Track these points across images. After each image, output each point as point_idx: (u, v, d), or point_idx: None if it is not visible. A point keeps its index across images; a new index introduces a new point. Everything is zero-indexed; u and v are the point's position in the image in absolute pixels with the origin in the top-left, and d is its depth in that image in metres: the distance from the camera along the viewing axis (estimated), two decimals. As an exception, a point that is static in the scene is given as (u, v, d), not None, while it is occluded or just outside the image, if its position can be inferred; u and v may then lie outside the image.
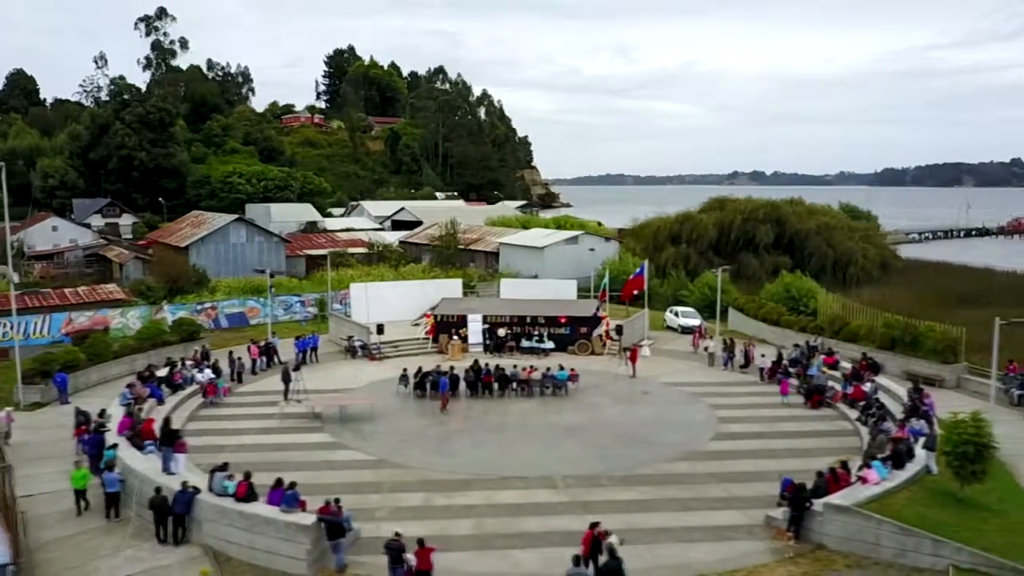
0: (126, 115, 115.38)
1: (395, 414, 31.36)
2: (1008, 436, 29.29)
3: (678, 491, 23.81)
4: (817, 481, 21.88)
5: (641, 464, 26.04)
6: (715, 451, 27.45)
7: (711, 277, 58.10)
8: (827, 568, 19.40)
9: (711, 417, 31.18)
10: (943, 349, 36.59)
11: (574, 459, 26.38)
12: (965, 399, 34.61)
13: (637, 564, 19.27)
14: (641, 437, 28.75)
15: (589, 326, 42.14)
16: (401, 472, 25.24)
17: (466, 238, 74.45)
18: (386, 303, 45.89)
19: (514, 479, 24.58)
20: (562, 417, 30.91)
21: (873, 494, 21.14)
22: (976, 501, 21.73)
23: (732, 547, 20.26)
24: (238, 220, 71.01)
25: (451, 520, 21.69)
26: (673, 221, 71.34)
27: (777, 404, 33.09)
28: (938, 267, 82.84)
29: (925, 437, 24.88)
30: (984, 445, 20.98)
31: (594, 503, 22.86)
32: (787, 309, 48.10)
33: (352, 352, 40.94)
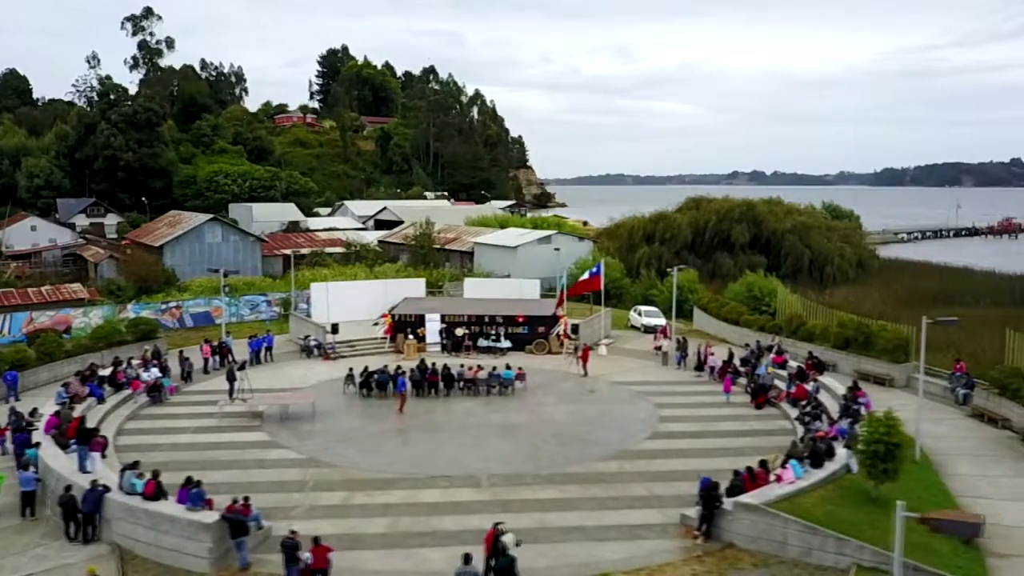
0: (112, 115, 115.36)
1: (336, 413, 31.40)
2: (946, 435, 29.60)
3: (601, 490, 23.84)
4: (733, 480, 21.94)
5: (571, 463, 26.07)
6: (648, 450, 27.48)
7: (681, 276, 58.10)
8: (732, 566, 19.46)
9: (652, 416, 31.21)
10: (893, 348, 36.60)
11: (504, 458, 26.41)
12: (912, 398, 34.69)
13: (542, 563, 19.41)
14: (577, 436, 28.79)
15: (547, 325, 42.16)
16: (328, 471, 25.29)
17: (443, 238, 74.43)
18: (348, 303, 45.85)
19: (439, 478, 24.62)
20: (502, 416, 30.94)
21: (785, 493, 21.18)
22: (890, 500, 21.67)
23: (641, 546, 20.30)
24: (213, 220, 70.95)
25: (366, 519, 21.76)
26: (647, 221, 71.26)
27: (721, 403, 33.13)
28: (917, 267, 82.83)
29: (847, 436, 24.93)
30: (895, 444, 20.97)
31: (514, 502, 22.91)
32: (750, 308, 48.14)
33: (307, 352, 40.99)
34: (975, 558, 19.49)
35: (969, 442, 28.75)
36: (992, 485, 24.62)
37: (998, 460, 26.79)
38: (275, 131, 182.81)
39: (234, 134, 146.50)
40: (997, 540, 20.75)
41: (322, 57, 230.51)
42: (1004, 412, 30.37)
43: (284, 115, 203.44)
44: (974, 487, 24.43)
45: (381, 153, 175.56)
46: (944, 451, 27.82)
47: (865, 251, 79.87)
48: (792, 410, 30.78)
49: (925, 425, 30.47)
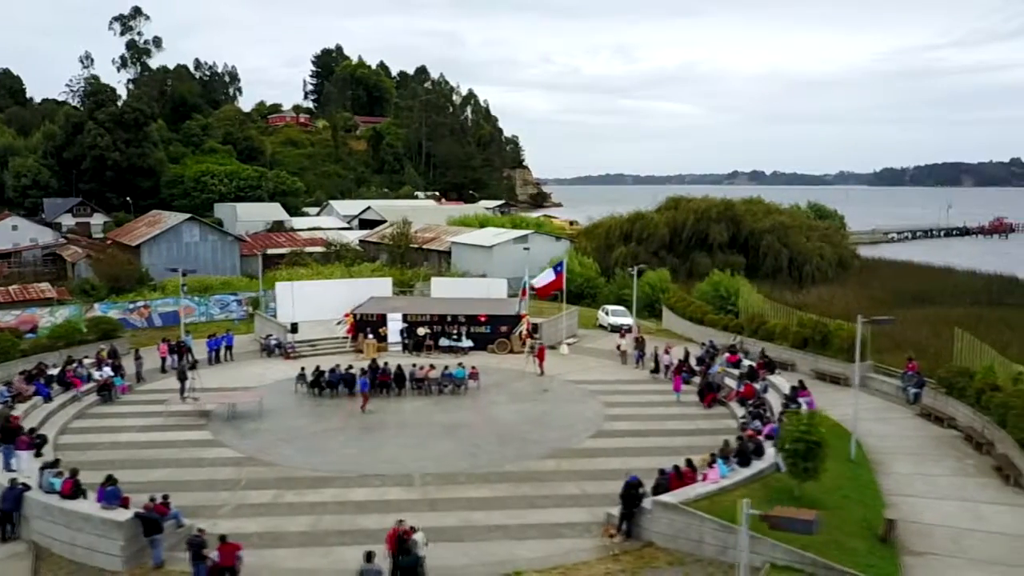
0: (99, 115, 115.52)
1: (284, 412, 31.46)
2: (891, 434, 29.64)
3: (532, 489, 23.87)
4: (658, 479, 21.98)
5: (508, 462, 26.10)
6: (588, 448, 27.51)
7: (653, 276, 58.30)
8: (648, 565, 19.48)
9: (600, 415, 31.24)
10: (848, 348, 36.56)
11: (442, 457, 26.44)
12: (865, 397, 34.71)
13: (461, 561, 19.50)
14: (520, 435, 28.83)
15: (509, 325, 42.18)
16: (264, 469, 25.34)
17: (421, 237, 74.52)
18: (313, 302, 45.88)
19: (373, 477, 24.67)
20: (449, 415, 30.97)
21: (706, 492, 21.21)
22: (813, 498, 21.72)
23: (561, 544, 20.33)
24: (191, 220, 71.12)
25: (290, 517, 21.81)
26: (625, 221, 71.23)
27: (671, 403, 33.14)
28: (899, 267, 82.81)
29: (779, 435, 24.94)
30: (815, 443, 20.98)
31: (442, 501, 22.96)
32: (716, 308, 48.16)
33: (268, 351, 41.05)
34: (890, 556, 19.51)
35: (913, 441, 28.76)
36: (927, 483, 24.64)
37: (938, 459, 26.79)
38: (267, 131, 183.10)
39: (224, 134, 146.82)
40: (915, 538, 20.80)
41: (316, 57, 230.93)
42: (950, 411, 30.38)
43: (278, 115, 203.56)
44: (907, 485, 24.46)
45: (373, 153, 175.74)
46: (886, 450, 27.84)
47: (846, 251, 79.75)
48: (740, 409, 30.79)
49: (872, 424, 30.71)
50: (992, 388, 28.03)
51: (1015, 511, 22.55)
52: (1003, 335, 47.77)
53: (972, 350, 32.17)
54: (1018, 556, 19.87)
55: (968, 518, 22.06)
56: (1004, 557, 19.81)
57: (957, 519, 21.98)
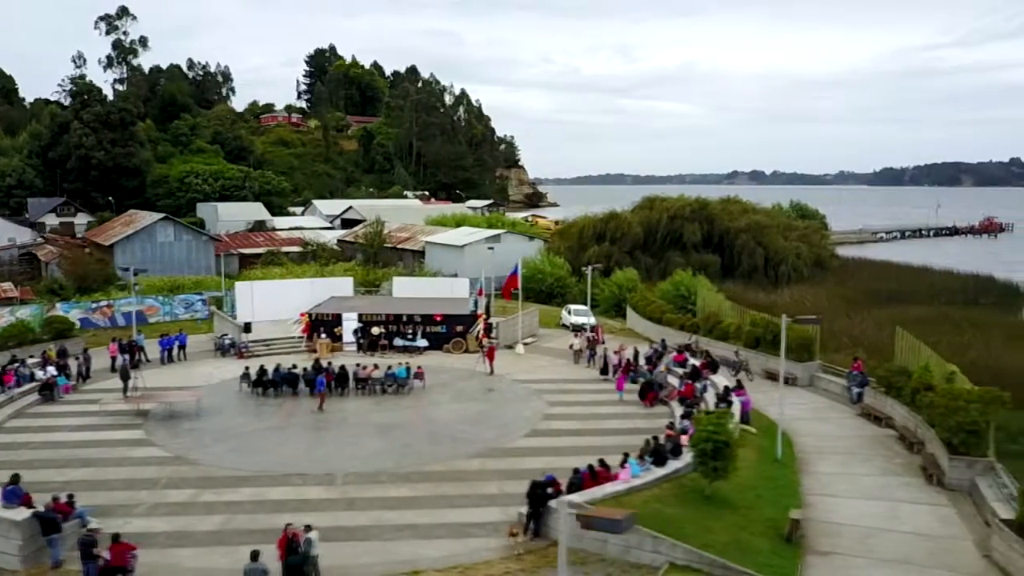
0: (85, 115, 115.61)
1: (224, 411, 31.45)
2: (828, 434, 29.65)
3: (452, 488, 23.83)
4: (572, 478, 21.96)
5: (435, 461, 26.06)
6: (518, 448, 27.47)
7: (621, 275, 58.29)
8: (549, 565, 19.35)
9: (539, 414, 31.21)
10: (797, 347, 36.49)
11: (371, 456, 26.42)
12: (808, 396, 34.77)
13: (363, 560, 19.49)
14: (453, 434, 28.79)
15: (466, 324, 42.15)
16: (188, 468, 25.33)
17: (397, 237, 74.51)
18: (273, 301, 45.86)
19: (296, 476, 24.64)
20: (386, 415, 30.94)
21: (615, 491, 21.19)
22: (724, 498, 21.74)
23: (467, 544, 20.28)
24: (165, 219, 71.17)
25: (203, 516, 21.78)
26: (598, 220, 71.18)
27: (614, 402, 33.09)
28: (878, 266, 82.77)
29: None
30: (723, 442, 20.95)
31: (359, 500, 22.94)
32: (677, 307, 48.13)
33: (222, 350, 41.05)
34: (792, 556, 19.47)
35: (847, 441, 28.71)
36: (849, 483, 24.60)
37: (867, 459, 26.74)
38: (259, 131, 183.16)
39: (213, 134, 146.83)
40: (824, 537, 20.77)
41: (309, 57, 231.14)
42: (888, 411, 30.35)
43: (270, 115, 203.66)
44: (829, 485, 24.42)
45: (364, 153, 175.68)
46: (818, 449, 27.81)
47: (824, 251, 79.67)
48: (680, 408, 30.73)
49: (811, 424, 30.73)
50: (926, 388, 27.95)
51: (932, 511, 22.52)
52: (964, 335, 47.88)
53: (913, 349, 32.08)
54: (924, 555, 19.85)
55: (882, 518, 22.03)
56: (910, 556, 19.78)
57: (871, 519, 21.94)
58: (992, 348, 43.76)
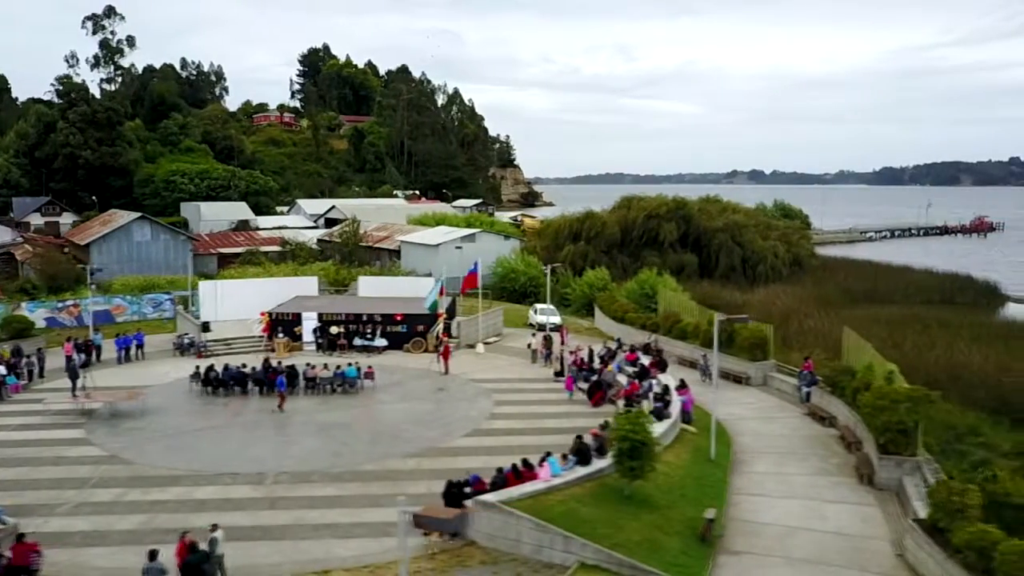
0: (71, 114, 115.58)
1: (170, 411, 31.45)
2: (770, 433, 29.68)
3: (380, 487, 23.82)
4: (495, 477, 21.95)
5: (370, 460, 26.07)
6: (457, 447, 27.46)
7: (592, 274, 58.29)
8: (461, 564, 19.40)
9: (485, 413, 31.21)
10: (750, 347, 36.52)
11: (307, 456, 26.43)
12: (760, 396, 34.76)
13: (273, 559, 19.51)
14: (396, 433, 28.80)
15: (426, 324, 42.12)
16: (121, 468, 25.33)
17: (375, 236, 74.51)
18: (237, 301, 45.86)
19: (226, 475, 24.64)
20: (331, 415, 30.93)
21: (533, 491, 21.12)
22: (645, 497, 21.72)
23: (383, 543, 20.23)
24: (141, 219, 71.11)
25: (124, 516, 21.78)
26: (574, 219, 71.25)
27: (563, 401, 33.09)
28: (857, 266, 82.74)
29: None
30: (641, 442, 20.91)
31: (283, 499, 22.94)
32: (641, 306, 48.11)
33: (182, 349, 41.05)
34: (703, 555, 19.46)
35: (788, 440, 28.71)
36: (780, 483, 24.60)
37: (804, 459, 26.73)
38: (250, 130, 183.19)
39: (203, 133, 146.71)
40: (741, 537, 20.78)
41: (303, 56, 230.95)
42: (832, 410, 30.33)
43: (263, 114, 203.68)
44: (759, 484, 24.43)
45: (354, 152, 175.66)
46: (757, 449, 27.83)
47: (804, 250, 79.66)
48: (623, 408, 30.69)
49: (756, 423, 30.77)
50: (865, 387, 27.91)
51: (856, 510, 22.51)
52: (930, 334, 47.84)
53: (859, 348, 32.04)
54: (838, 555, 19.84)
55: (805, 517, 22.02)
56: (824, 556, 19.77)
57: (794, 518, 21.94)
58: (955, 348, 43.78)
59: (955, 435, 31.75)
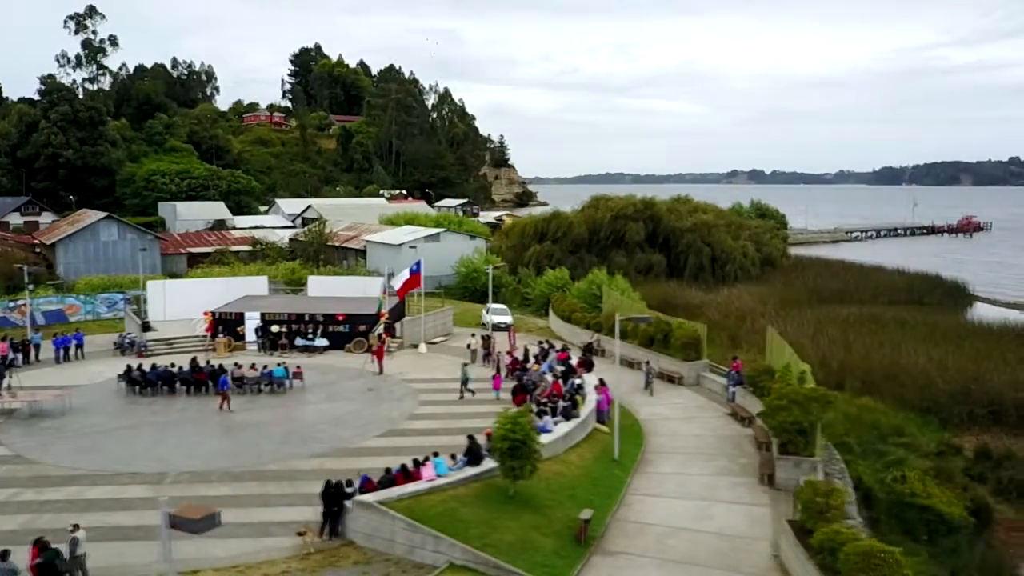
0: (53, 114, 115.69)
1: (92, 410, 31.42)
2: (686, 433, 29.63)
3: (277, 487, 23.79)
4: (382, 478, 21.90)
5: (275, 460, 26.00)
6: (366, 448, 27.38)
7: (551, 274, 58.18)
8: (331, 564, 19.37)
9: (406, 414, 31.16)
10: (684, 346, 36.45)
11: (213, 455, 26.39)
12: (689, 395, 34.67)
13: (145, 559, 19.52)
14: (310, 434, 28.75)
15: (368, 324, 42.07)
16: (23, 467, 25.32)
17: (343, 236, 74.50)
18: (186, 300, 45.84)
19: (125, 475, 24.60)
20: (251, 415, 30.87)
21: (414, 491, 21.07)
22: (531, 498, 21.66)
23: (261, 543, 20.25)
24: (108, 218, 71.15)
25: (11, 516, 21.74)
26: (540, 219, 71.21)
27: (489, 400, 32.97)
28: (830, 265, 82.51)
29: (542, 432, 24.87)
30: (520, 441, 20.84)
31: (176, 499, 22.68)
32: (591, 306, 48.00)
33: (122, 349, 41.04)
34: (575, 556, 19.40)
35: (702, 440, 28.64)
36: (679, 483, 24.54)
37: (711, 459, 26.67)
38: (239, 130, 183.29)
39: (188, 133, 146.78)
40: (622, 538, 20.74)
41: (294, 56, 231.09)
42: (753, 410, 30.22)
43: (253, 114, 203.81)
44: (658, 485, 24.38)
45: (343, 152, 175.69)
46: (668, 449, 27.78)
47: (776, 250, 79.41)
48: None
49: (676, 423, 30.69)
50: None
51: (747, 511, 22.44)
52: (885, 334, 47.72)
53: (780, 348, 31.96)
54: (715, 556, 19.79)
55: (693, 518, 21.97)
56: (699, 557, 19.72)
57: (681, 519, 21.89)
58: (903, 348, 43.66)
59: (879, 435, 31.73)
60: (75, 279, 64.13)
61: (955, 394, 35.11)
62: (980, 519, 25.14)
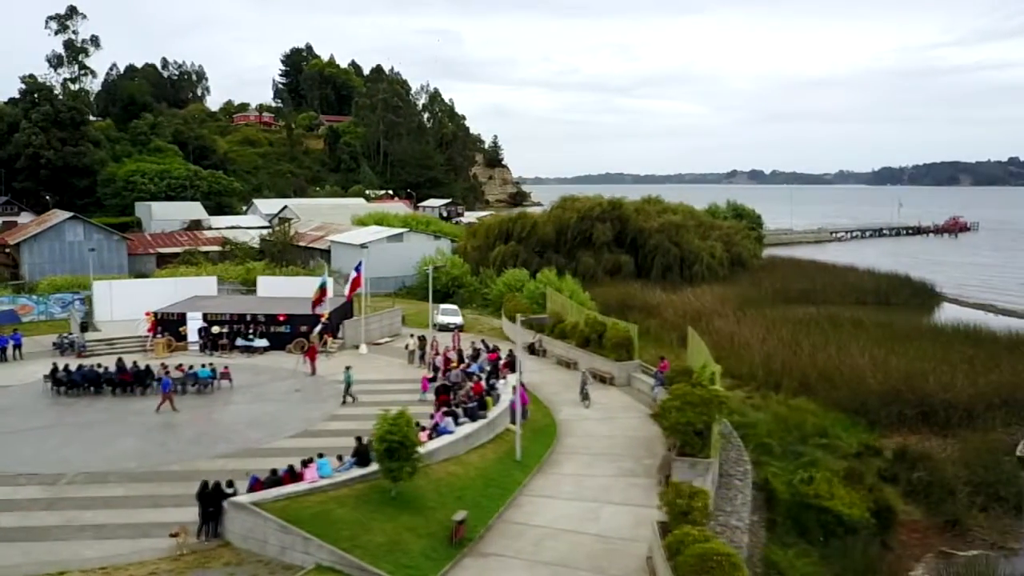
0: (34, 114, 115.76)
1: (10, 411, 31.39)
2: (599, 435, 29.67)
3: (172, 488, 23.69)
4: (268, 478, 21.88)
5: (179, 461, 25.97)
6: (274, 448, 27.26)
7: (509, 274, 58.11)
8: (202, 565, 19.31)
9: (327, 415, 31.12)
10: (615, 346, 36.37)
11: (117, 456, 26.34)
12: (617, 395, 34.60)
13: (15, 560, 19.59)
14: (222, 434, 28.72)
15: (310, 325, 42.01)
16: (-80, 470, 25.28)
17: (311, 236, 74.48)
18: (133, 300, 45.78)
19: (23, 475, 24.57)
20: (169, 416, 30.75)
21: (292, 492, 21.03)
22: (414, 499, 21.61)
23: (137, 544, 20.20)
24: (74, 218, 71.17)
25: (-101, 517, 21.71)
26: (506, 219, 71.14)
27: (413, 402, 32.82)
28: (802, 265, 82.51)
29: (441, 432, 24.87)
30: (399, 442, 20.78)
31: (65, 500, 22.87)
32: (542, 307, 47.94)
33: (62, 349, 41.01)
34: (444, 558, 19.33)
35: (614, 441, 28.56)
36: (576, 484, 24.50)
37: (616, 460, 26.60)
38: (228, 130, 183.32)
39: (174, 133, 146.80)
40: (501, 540, 20.70)
41: (285, 56, 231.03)
42: (670, 411, 30.09)
43: (242, 114, 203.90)
44: (554, 486, 24.35)
45: (330, 152, 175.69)
46: (577, 449, 27.76)
47: (746, 250, 79.20)
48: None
49: (594, 424, 30.67)
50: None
51: (636, 512, 22.37)
52: (837, 335, 47.56)
53: (699, 349, 31.89)
54: (588, 558, 19.77)
55: (579, 519, 21.92)
56: (571, 559, 19.67)
57: (567, 520, 21.84)
58: (849, 349, 43.51)
59: (802, 436, 31.67)
60: (40, 279, 64.20)
61: (885, 395, 35.03)
62: (881, 520, 25.15)
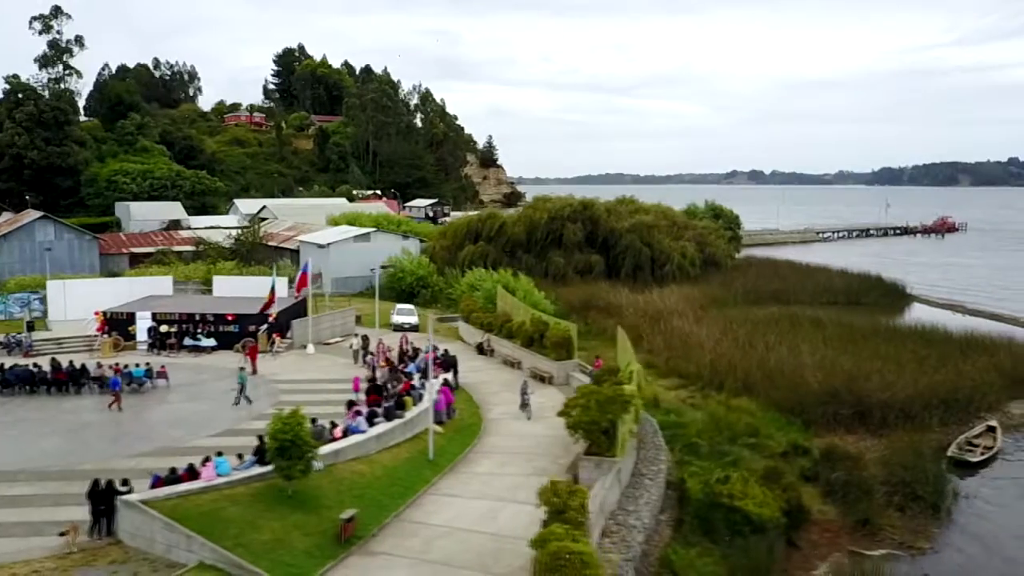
0: (17, 114, 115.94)
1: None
2: (524, 434, 29.84)
3: (80, 487, 23.24)
4: (167, 476, 21.92)
5: (94, 459, 25.88)
6: (190, 447, 27.00)
7: (472, 275, 58.13)
8: (88, 564, 19.34)
9: (255, 414, 31.08)
10: (555, 345, 36.38)
11: (36, 455, 26.40)
12: (553, 394, 34.55)
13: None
14: (144, 434, 28.77)
15: (258, 324, 42.06)
16: None
17: (282, 235, 74.56)
18: (87, 300, 45.78)
19: (-67, 476, 24.59)
20: (97, 415, 30.86)
21: (185, 490, 21.04)
22: (309, 498, 21.62)
23: (27, 542, 20.23)
24: (44, 218, 71.23)
25: None
26: (475, 219, 71.18)
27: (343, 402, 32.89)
28: (776, 265, 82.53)
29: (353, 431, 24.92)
30: (290, 441, 20.79)
31: (-28, 499, 22.86)
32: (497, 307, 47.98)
33: (8, 348, 41.08)
34: (328, 557, 19.34)
35: (535, 441, 28.58)
36: (484, 484, 24.54)
37: (531, 459, 26.60)
38: (218, 130, 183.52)
39: (161, 133, 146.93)
40: (394, 538, 20.72)
41: (277, 56, 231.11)
42: (597, 411, 30.07)
43: (233, 114, 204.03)
44: (462, 485, 24.37)
45: (319, 152, 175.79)
46: (495, 449, 27.86)
47: (720, 250, 79.17)
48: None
49: (519, 423, 30.59)
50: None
51: (538, 512, 22.23)
52: (792, 335, 47.57)
53: (625, 348, 31.89)
54: (476, 557, 19.78)
55: (478, 518, 21.94)
56: (460, 558, 19.67)
57: (465, 519, 21.86)
58: (800, 349, 43.48)
59: (731, 436, 31.64)
60: (8, 279, 64.26)
61: (823, 395, 35.04)
62: (793, 519, 25.16)
